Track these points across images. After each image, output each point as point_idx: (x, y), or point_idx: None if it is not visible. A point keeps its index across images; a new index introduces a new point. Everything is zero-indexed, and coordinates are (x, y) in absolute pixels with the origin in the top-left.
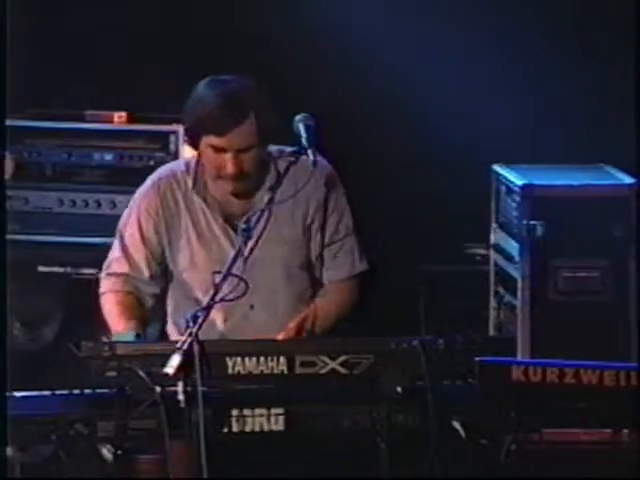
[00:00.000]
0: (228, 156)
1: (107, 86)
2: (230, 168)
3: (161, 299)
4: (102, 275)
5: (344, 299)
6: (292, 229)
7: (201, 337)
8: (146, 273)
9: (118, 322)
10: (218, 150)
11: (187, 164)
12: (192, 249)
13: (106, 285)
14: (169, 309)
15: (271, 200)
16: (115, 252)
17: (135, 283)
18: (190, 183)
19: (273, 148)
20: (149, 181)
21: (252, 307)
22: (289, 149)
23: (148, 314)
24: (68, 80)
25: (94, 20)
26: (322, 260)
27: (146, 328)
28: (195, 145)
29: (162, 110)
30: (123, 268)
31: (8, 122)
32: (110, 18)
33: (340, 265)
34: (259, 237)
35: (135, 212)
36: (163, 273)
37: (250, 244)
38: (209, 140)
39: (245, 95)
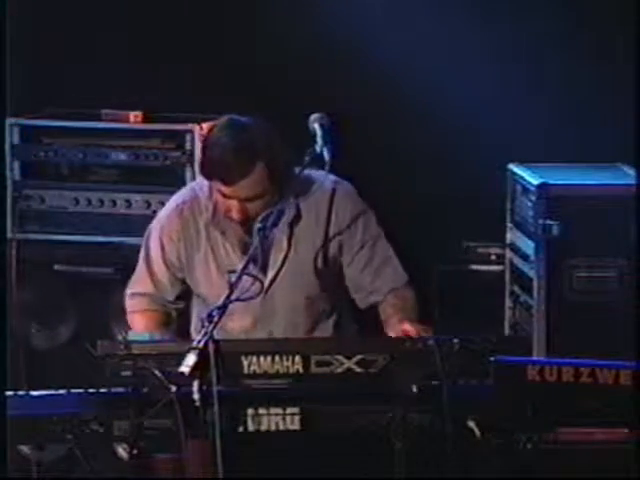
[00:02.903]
0: (234, 203)
1: (123, 85)
2: (235, 215)
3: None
4: (127, 293)
5: (411, 301)
6: (314, 259)
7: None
8: (171, 293)
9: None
10: (225, 196)
11: (210, 188)
12: (211, 277)
13: (133, 305)
14: (193, 314)
15: (292, 226)
16: (140, 271)
17: (160, 301)
18: (210, 213)
19: (296, 171)
20: (173, 204)
21: (271, 334)
22: (306, 171)
23: (174, 323)
24: (84, 79)
25: (110, 19)
26: (360, 282)
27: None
28: (209, 180)
29: (178, 109)
30: (148, 288)
31: (25, 121)
32: (127, 18)
33: (384, 282)
34: (280, 269)
35: (158, 234)
36: (186, 291)
37: (271, 276)
38: (217, 185)
39: (253, 146)
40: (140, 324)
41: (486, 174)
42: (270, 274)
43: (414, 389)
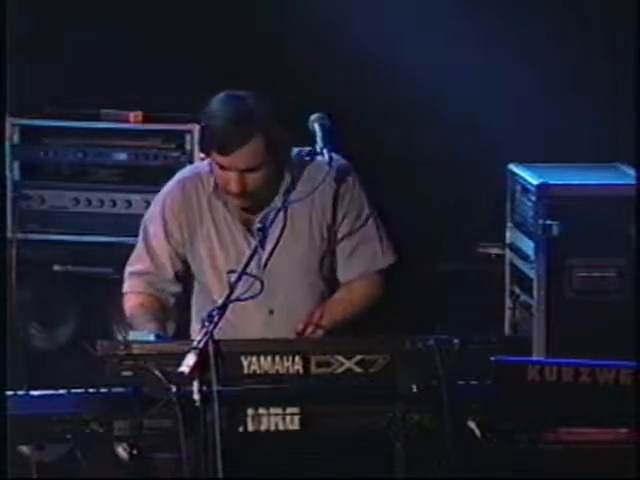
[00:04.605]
0: (233, 175)
1: (123, 85)
2: (234, 187)
3: (181, 297)
4: (125, 272)
5: (363, 300)
6: (310, 233)
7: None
8: (170, 272)
9: (140, 323)
10: (223, 168)
11: (211, 165)
12: (213, 251)
13: (129, 285)
14: (194, 309)
15: (286, 200)
16: (139, 248)
17: (158, 283)
18: (212, 186)
19: (293, 151)
20: (175, 179)
21: (272, 312)
22: (307, 150)
23: (170, 313)
24: (84, 79)
25: (110, 19)
26: (337, 258)
27: (166, 328)
28: (208, 156)
29: (178, 109)
30: (146, 266)
31: (25, 122)
32: (127, 18)
33: (357, 262)
34: (277, 243)
35: (160, 209)
36: (186, 272)
37: (268, 249)
38: (215, 157)
39: (251, 116)
40: (133, 306)
41: (486, 174)
42: (268, 248)
43: (414, 389)
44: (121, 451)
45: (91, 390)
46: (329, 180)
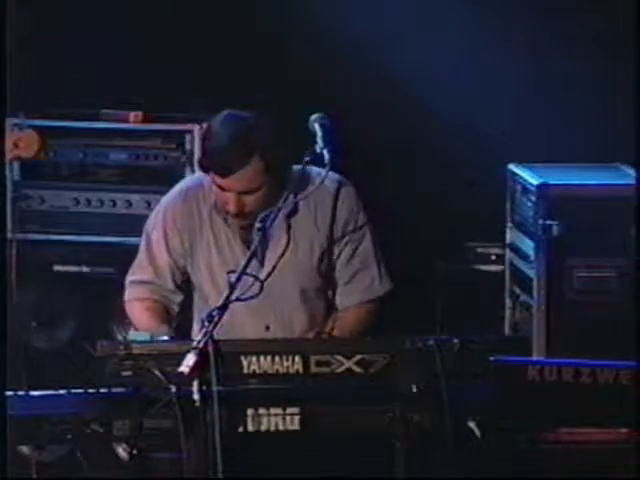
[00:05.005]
0: (231, 196)
1: (123, 85)
2: (232, 207)
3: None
4: (127, 281)
5: (356, 324)
6: (309, 252)
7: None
8: (171, 283)
9: (149, 326)
10: (222, 189)
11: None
12: (212, 264)
13: (132, 293)
14: (195, 312)
15: (285, 200)
16: (141, 257)
17: (160, 292)
18: (212, 202)
19: (293, 169)
20: (177, 189)
21: (268, 328)
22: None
23: (175, 318)
24: (84, 79)
25: (110, 19)
26: (336, 283)
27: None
28: (208, 175)
29: (178, 109)
30: (149, 276)
31: (25, 121)
32: (127, 17)
33: (355, 290)
34: (277, 261)
35: (161, 220)
36: (186, 282)
37: (269, 268)
38: (214, 178)
39: (250, 138)
40: (139, 312)
41: (486, 174)
42: (268, 266)
43: (414, 389)
44: (121, 451)
45: (91, 390)
46: (330, 201)
